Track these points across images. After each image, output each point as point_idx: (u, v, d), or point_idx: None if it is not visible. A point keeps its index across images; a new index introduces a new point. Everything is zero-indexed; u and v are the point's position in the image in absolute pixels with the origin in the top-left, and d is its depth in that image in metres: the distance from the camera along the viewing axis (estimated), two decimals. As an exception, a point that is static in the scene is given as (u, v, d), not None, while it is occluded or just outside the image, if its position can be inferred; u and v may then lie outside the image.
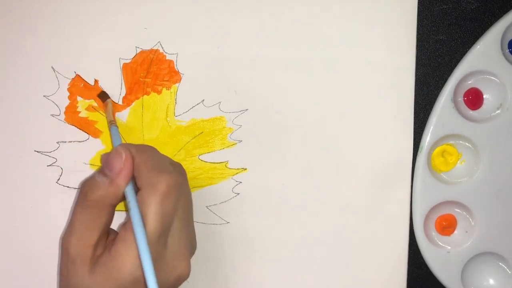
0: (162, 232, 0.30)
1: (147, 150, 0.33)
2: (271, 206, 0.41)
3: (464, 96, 0.42)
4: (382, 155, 0.41)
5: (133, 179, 0.32)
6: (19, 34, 0.38)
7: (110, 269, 0.30)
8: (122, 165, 0.31)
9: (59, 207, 0.39)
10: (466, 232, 0.43)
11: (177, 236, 0.32)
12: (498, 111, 0.42)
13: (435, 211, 0.43)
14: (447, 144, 0.42)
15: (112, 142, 0.36)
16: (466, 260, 0.43)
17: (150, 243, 0.29)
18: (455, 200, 0.42)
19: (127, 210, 0.31)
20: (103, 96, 0.38)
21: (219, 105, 0.40)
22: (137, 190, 0.32)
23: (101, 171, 0.32)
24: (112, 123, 0.37)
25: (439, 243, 0.43)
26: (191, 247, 0.34)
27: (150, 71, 0.39)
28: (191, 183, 0.40)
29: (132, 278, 0.30)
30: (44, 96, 0.39)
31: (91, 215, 0.31)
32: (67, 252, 0.31)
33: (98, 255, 0.31)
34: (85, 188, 0.31)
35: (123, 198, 0.32)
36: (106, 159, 0.32)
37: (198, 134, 0.40)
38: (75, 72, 0.39)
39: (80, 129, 0.39)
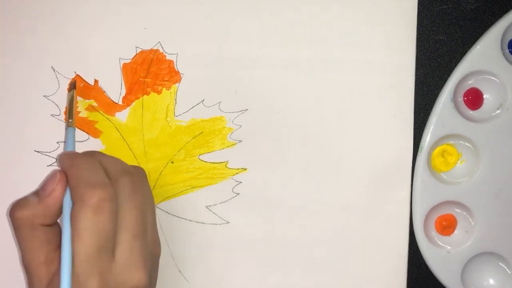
0: (101, 246, 0.30)
1: (83, 162, 0.32)
2: (271, 206, 0.41)
3: (464, 96, 0.42)
4: (382, 155, 0.41)
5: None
6: (19, 34, 0.38)
7: None
8: (54, 186, 0.31)
9: (59, 207, 0.39)
10: (466, 232, 0.43)
11: (128, 248, 0.31)
12: (498, 111, 0.42)
13: (435, 211, 0.43)
14: (447, 144, 0.42)
15: (64, 145, 0.35)
16: (466, 260, 0.43)
17: (88, 258, 0.29)
18: (455, 200, 0.42)
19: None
20: (71, 85, 0.38)
21: (219, 105, 0.40)
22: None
23: (35, 191, 0.32)
24: (69, 123, 0.36)
25: (439, 243, 0.43)
26: (150, 256, 0.33)
27: (150, 71, 0.39)
28: (191, 183, 0.40)
29: None
30: (44, 96, 0.39)
31: (25, 235, 0.31)
32: (26, 270, 0.31)
33: (53, 272, 0.31)
34: (13, 207, 0.31)
35: (58, 216, 0.31)
36: (44, 180, 0.32)
37: (198, 134, 0.40)
38: (75, 72, 0.39)
39: (80, 129, 0.39)
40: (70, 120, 0.36)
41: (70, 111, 0.36)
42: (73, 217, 0.30)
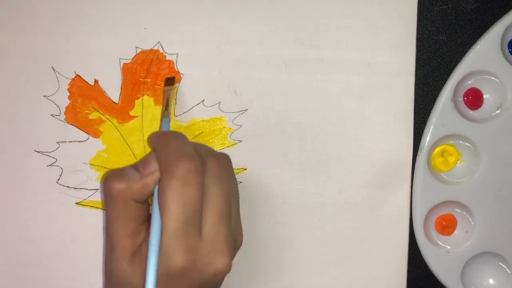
0: (188, 221, 0.29)
1: (170, 137, 0.32)
2: (271, 206, 0.41)
3: (464, 96, 0.42)
4: (382, 155, 0.41)
5: None
6: (19, 34, 0.38)
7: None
8: (156, 166, 0.31)
9: (59, 207, 0.39)
10: (466, 232, 0.43)
11: (215, 230, 0.30)
12: (498, 111, 0.42)
13: (435, 211, 0.43)
14: (447, 144, 0.42)
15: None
16: (466, 260, 0.43)
17: (176, 233, 0.29)
18: (455, 200, 0.42)
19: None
20: (169, 81, 0.38)
21: (219, 105, 0.40)
22: None
23: (135, 165, 0.31)
24: (165, 114, 0.36)
25: (439, 243, 0.43)
26: (234, 243, 0.33)
27: (150, 71, 0.39)
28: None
29: (168, 270, 0.29)
30: (44, 96, 0.39)
31: (117, 207, 0.31)
32: (109, 239, 0.31)
33: (139, 244, 0.31)
34: (112, 177, 0.31)
35: (151, 195, 0.31)
36: (145, 157, 0.31)
37: (198, 134, 0.40)
38: (75, 72, 0.39)
39: (80, 129, 0.39)
40: (166, 112, 0.36)
41: (167, 105, 0.37)
42: (160, 190, 0.30)
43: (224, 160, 0.33)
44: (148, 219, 0.32)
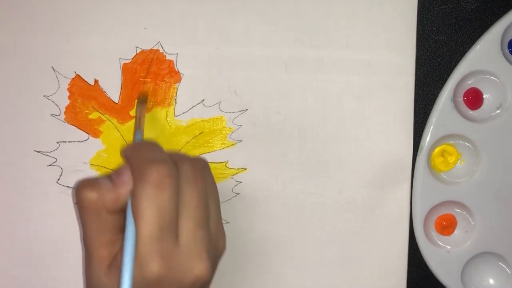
0: (163, 226, 0.29)
1: (142, 144, 0.32)
2: (271, 206, 0.41)
3: (464, 96, 0.42)
4: (382, 155, 0.41)
5: None
6: (19, 34, 0.38)
7: None
8: (131, 177, 0.30)
9: (59, 207, 0.39)
10: (466, 232, 0.43)
11: (191, 236, 0.30)
12: (498, 111, 0.42)
13: (435, 211, 0.43)
14: (447, 144, 0.42)
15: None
16: (466, 260, 0.43)
17: (151, 239, 0.28)
18: (455, 200, 0.42)
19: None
20: (142, 97, 0.38)
21: (219, 105, 0.40)
22: None
23: (108, 175, 0.31)
24: (138, 127, 0.36)
25: (439, 243, 0.43)
26: (214, 248, 0.32)
27: (150, 71, 0.39)
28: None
29: (144, 277, 0.29)
30: (44, 96, 0.39)
31: (90, 218, 0.30)
32: (86, 249, 0.31)
33: (115, 253, 0.30)
34: (83, 187, 0.30)
35: (124, 206, 0.31)
36: (119, 167, 0.30)
37: (198, 134, 0.40)
38: (75, 72, 0.39)
39: (80, 129, 0.39)
40: (138, 125, 0.36)
41: (139, 119, 0.36)
42: (134, 196, 0.29)
43: (198, 163, 0.32)
44: (123, 230, 0.31)
